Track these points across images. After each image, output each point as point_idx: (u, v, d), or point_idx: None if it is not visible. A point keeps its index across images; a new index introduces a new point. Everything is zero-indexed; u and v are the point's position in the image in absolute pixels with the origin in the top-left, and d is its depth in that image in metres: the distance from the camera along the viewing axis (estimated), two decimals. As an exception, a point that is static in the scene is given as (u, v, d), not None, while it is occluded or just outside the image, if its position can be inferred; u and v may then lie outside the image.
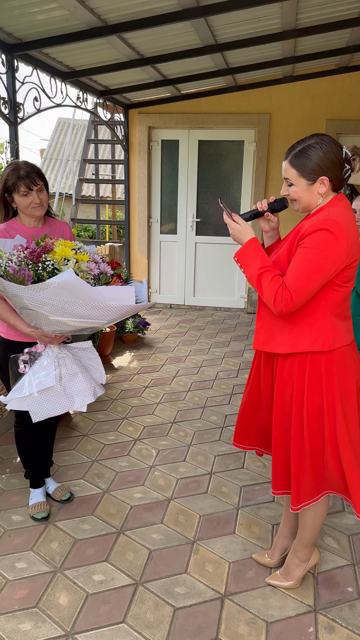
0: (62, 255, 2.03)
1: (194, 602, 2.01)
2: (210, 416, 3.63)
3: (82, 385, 2.26)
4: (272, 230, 1.96)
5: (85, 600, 2.01)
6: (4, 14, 3.29)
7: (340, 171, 1.72)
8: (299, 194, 1.76)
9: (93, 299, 1.97)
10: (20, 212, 2.29)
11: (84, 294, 1.95)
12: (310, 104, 5.99)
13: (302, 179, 1.72)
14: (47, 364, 2.20)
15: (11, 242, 2.11)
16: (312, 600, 2.02)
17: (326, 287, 1.74)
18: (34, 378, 2.17)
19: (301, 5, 3.82)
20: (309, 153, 1.69)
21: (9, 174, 2.21)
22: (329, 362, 1.78)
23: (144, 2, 3.34)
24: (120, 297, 2.10)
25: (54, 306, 1.96)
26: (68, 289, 1.90)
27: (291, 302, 1.69)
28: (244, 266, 1.80)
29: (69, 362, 2.25)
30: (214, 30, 4.08)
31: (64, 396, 2.23)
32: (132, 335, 5.23)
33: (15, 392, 2.18)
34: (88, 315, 2.00)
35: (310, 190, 1.73)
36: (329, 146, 1.69)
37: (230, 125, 6.16)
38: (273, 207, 1.87)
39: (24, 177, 2.19)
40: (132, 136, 6.41)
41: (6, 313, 2.20)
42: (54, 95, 4.35)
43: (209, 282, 6.72)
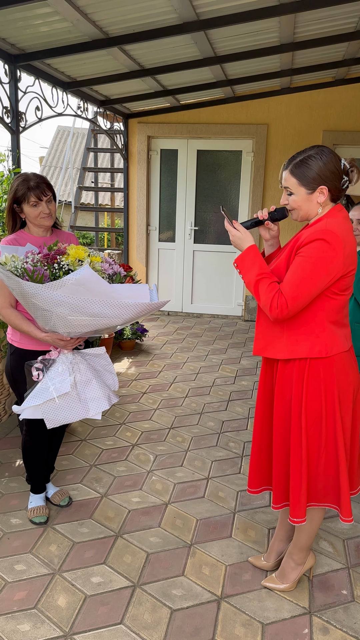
0: (76, 256, 2.04)
1: (191, 604, 2.04)
2: (208, 422, 3.67)
3: (96, 392, 2.23)
4: (272, 239, 2.00)
5: (84, 601, 2.04)
6: (8, 26, 3.36)
7: (339, 182, 1.77)
8: (299, 203, 1.81)
9: (109, 296, 1.96)
10: (29, 222, 2.33)
11: (100, 290, 1.94)
12: (308, 116, 6.08)
13: (302, 188, 1.78)
14: (61, 370, 2.18)
15: (22, 249, 2.15)
16: (307, 603, 2.06)
17: (323, 295, 1.78)
18: (49, 385, 2.15)
19: (299, 20, 3.90)
20: (310, 163, 1.75)
21: (18, 185, 2.25)
22: (328, 368, 1.82)
23: (145, 15, 3.42)
24: (136, 294, 2.12)
25: (71, 305, 1.95)
26: (85, 285, 1.90)
27: (286, 308, 1.73)
28: (242, 272, 1.85)
29: (83, 369, 2.23)
30: (213, 42, 4.16)
31: (78, 403, 2.20)
32: (130, 341, 5.27)
33: (30, 400, 2.15)
34: (104, 314, 1.99)
35: (310, 199, 1.79)
36: (329, 157, 1.74)
37: (228, 135, 6.25)
38: (273, 216, 1.92)
39: (34, 187, 2.23)
40: (132, 145, 6.49)
41: (19, 320, 2.22)
42: (55, 105, 4.41)
43: (206, 289, 6.78)
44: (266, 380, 2.00)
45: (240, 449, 3.28)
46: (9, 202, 2.28)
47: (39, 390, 2.17)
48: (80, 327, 2.08)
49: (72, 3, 3.08)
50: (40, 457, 2.54)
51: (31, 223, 2.32)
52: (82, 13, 3.23)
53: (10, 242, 2.26)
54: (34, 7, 3.09)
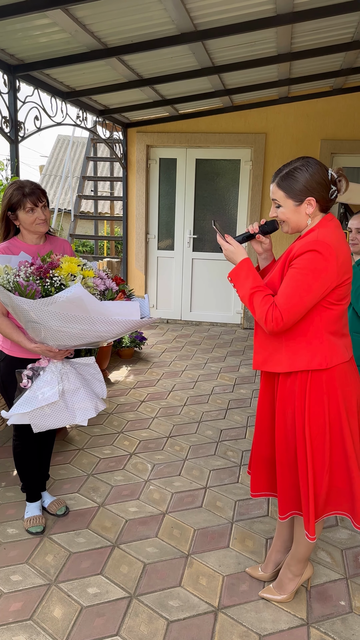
0: (69, 271, 2.06)
1: (188, 615, 2.02)
2: (206, 431, 3.66)
3: (84, 401, 2.27)
4: (265, 252, 2.01)
5: (80, 612, 2.02)
6: (7, 37, 3.39)
7: (327, 192, 1.78)
8: (287, 215, 1.81)
9: (100, 313, 2.00)
10: (24, 229, 2.33)
11: (91, 308, 1.98)
12: (305, 125, 6.12)
13: (290, 200, 1.78)
14: (50, 378, 2.21)
15: (16, 258, 2.15)
16: (304, 614, 2.04)
17: (320, 305, 1.77)
18: (38, 393, 2.19)
19: (296, 30, 3.94)
20: (296, 175, 1.75)
21: (13, 192, 2.26)
22: (330, 380, 1.80)
23: (144, 26, 3.45)
24: (126, 312, 2.13)
25: (61, 320, 1.99)
26: (76, 302, 1.94)
27: (281, 321, 1.73)
28: (236, 286, 1.85)
29: (72, 377, 2.27)
30: (211, 53, 4.19)
31: (65, 411, 2.24)
32: (129, 349, 5.26)
33: (18, 407, 2.19)
34: (94, 329, 2.04)
35: (298, 211, 1.79)
36: (315, 168, 1.75)
37: (227, 144, 6.28)
38: (264, 229, 1.93)
39: (30, 194, 2.25)
40: (131, 154, 6.52)
41: (9, 329, 2.23)
42: (54, 114, 4.44)
43: (205, 297, 6.78)
44: (266, 392, 1.99)
45: (239, 458, 3.26)
46: (3, 209, 2.29)
47: (27, 398, 2.20)
48: (70, 340, 2.11)
49: (71, 14, 3.11)
50: (31, 461, 2.53)
51: (26, 230, 2.33)
52: (80, 24, 3.26)
53: (4, 250, 2.26)
54: (33, 18, 3.12)
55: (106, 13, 3.18)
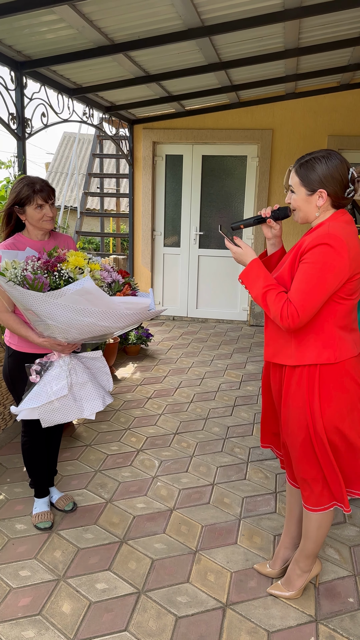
0: (76, 264, 2.07)
1: (196, 611, 2.03)
2: (213, 427, 3.65)
3: (91, 394, 2.31)
4: (274, 238, 2.01)
5: (88, 608, 2.03)
6: (14, 33, 3.38)
7: (342, 189, 1.76)
8: (298, 202, 1.81)
9: (108, 306, 2.01)
10: (30, 225, 2.34)
11: (99, 302, 1.99)
12: (313, 120, 6.08)
13: (303, 188, 1.79)
14: (58, 373, 2.24)
15: (22, 254, 2.16)
16: (313, 611, 2.04)
17: (330, 300, 1.77)
18: (47, 387, 2.21)
19: (303, 26, 3.91)
20: (314, 165, 1.75)
21: (23, 187, 2.26)
22: (339, 374, 1.80)
23: (150, 22, 3.44)
24: (135, 307, 2.12)
25: (70, 313, 1.99)
26: (85, 296, 1.95)
27: (297, 317, 1.72)
28: (248, 286, 1.84)
29: (79, 371, 2.30)
30: (218, 48, 4.17)
31: (74, 404, 2.27)
32: (135, 346, 5.27)
33: (27, 402, 2.21)
34: (102, 323, 2.05)
35: (309, 201, 1.79)
36: (334, 162, 1.74)
37: (233, 140, 6.26)
38: (275, 215, 1.94)
39: (40, 190, 2.26)
40: (137, 151, 6.51)
41: (17, 325, 2.25)
42: (61, 111, 4.44)
43: (211, 294, 6.77)
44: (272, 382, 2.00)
45: (246, 455, 3.26)
46: (9, 203, 2.29)
47: (37, 393, 2.22)
48: (78, 333, 2.12)
49: (78, 10, 3.10)
50: (39, 456, 2.54)
51: (32, 226, 2.33)
52: (87, 20, 3.25)
53: (9, 246, 2.27)
54: (39, 14, 3.11)
55: (113, 9, 3.17)
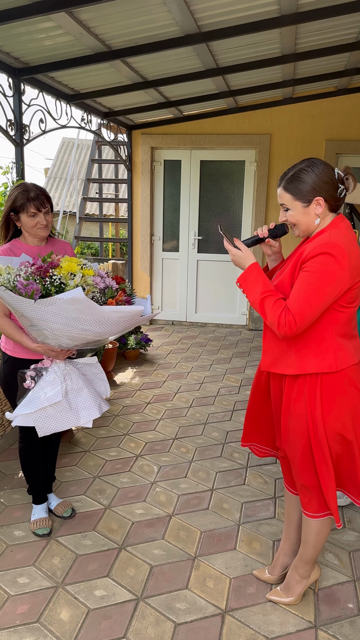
0: (68, 269, 2.06)
1: (195, 617, 2.02)
2: (212, 432, 3.65)
3: (87, 401, 2.28)
4: (274, 254, 2.00)
5: (87, 615, 2.02)
6: (12, 40, 3.40)
7: (335, 191, 1.76)
8: (297, 217, 1.79)
9: (100, 316, 2.01)
10: (25, 231, 2.35)
11: (90, 311, 1.99)
12: (310, 125, 6.10)
13: (298, 202, 1.77)
14: (53, 379, 2.22)
15: (17, 259, 2.16)
16: (312, 617, 2.03)
17: (330, 308, 1.75)
18: (41, 393, 2.21)
19: (300, 31, 3.93)
20: (302, 176, 1.74)
21: (17, 194, 2.27)
22: (341, 382, 1.78)
23: (147, 28, 3.45)
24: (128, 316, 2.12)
25: (61, 321, 2.00)
26: (75, 305, 1.94)
27: (295, 325, 1.71)
28: (246, 291, 1.83)
29: (74, 377, 2.28)
30: (215, 54, 4.19)
31: (69, 411, 2.25)
32: (134, 351, 5.26)
33: (22, 408, 2.20)
34: (94, 330, 2.05)
35: (307, 212, 1.78)
36: (320, 168, 1.74)
37: (231, 145, 6.28)
38: (273, 233, 1.92)
39: (34, 198, 2.26)
40: (136, 156, 6.53)
41: (11, 329, 2.24)
42: (59, 117, 4.45)
43: (210, 299, 6.78)
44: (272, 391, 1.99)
45: (245, 460, 3.25)
46: (6, 209, 2.30)
47: (31, 399, 2.21)
48: (70, 340, 2.12)
49: (75, 17, 3.12)
50: (37, 463, 2.54)
51: (27, 232, 2.34)
52: (84, 27, 3.26)
53: (5, 252, 2.28)
54: (37, 21, 3.13)
55: (110, 16, 3.18)
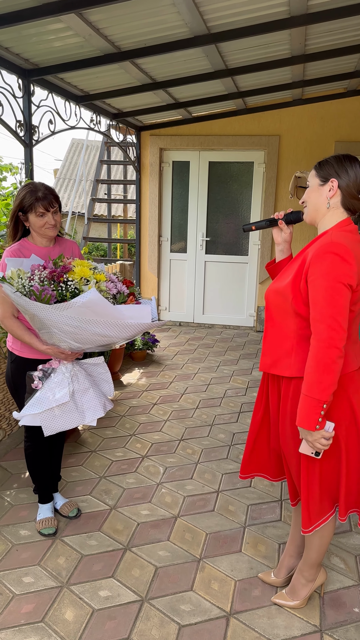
0: (81, 274, 2.09)
1: (199, 619, 2.01)
2: (218, 434, 3.64)
3: (93, 401, 2.31)
4: (283, 243, 2.00)
5: (91, 615, 2.02)
6: (22, 41, 3.42)
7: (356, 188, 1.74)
8: (309, 193, 1.82)
9: (113, 317, 2.04)
10: (34, 231, 2.35)
11: (105, 312, 2.01)
12: (320, 126, 6.08)
13: (316, 178, 1.80)
14: (60, 380, 2.24)
15: (28, 261, 2.17)
16: (318, 620, 2.01)
17: None
18: (49, 394, 2.22)
19: (309, 32, 3.92)
20: (332, 158, 1.78)
21: (25, 194, 2.27)
22: (340, 387, 1.76)
23: (157, 29, 3.46)
24: (138, 315, 2.17)
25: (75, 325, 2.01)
26: (91, 307, 1.97)
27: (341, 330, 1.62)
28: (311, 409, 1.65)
29: (81, 378, 2.30)
30: (224, 55, 4.19)
31: (75, 411, 2.27)
32: (142, 352, 5.26)
33: (29, 408, 2.22)
34: (106, 333, 2.07)
35: (320, 191, 1.79)
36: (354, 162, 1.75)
37: (240, 147, 6.27)
38: (288, 218, 1.95)
39: (42, 198, 2.25)
40: (144, 157, 6.54)
41: (21, 331, 2.25)
42: (68, 118, 4.47)
43: (218, 300, 6.77)
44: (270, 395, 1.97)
45: (251, 462, 3.24)
46: (14, 209, 2.30)
47: (38, 399, 2.23)
48: (82, 343, 2.14)
49: (85, 19, 3.13)
50: (42, 462, 2.54)
51: (35, 232, 2.34)
52: (94, 28, 3.27)
53: (15, 253, 2.27)
54: (46, 23, 3.14)
55: (120, 17, 3.19)
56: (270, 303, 1.86)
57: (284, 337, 1.82)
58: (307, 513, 1.85)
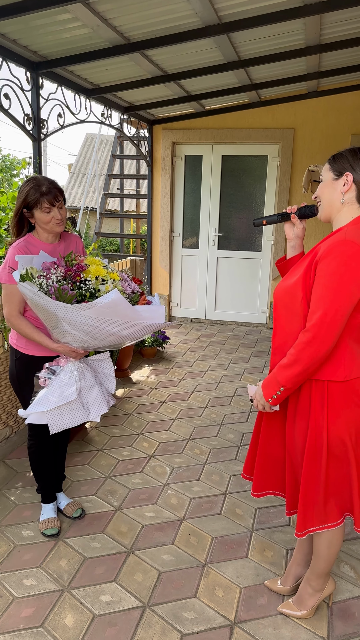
0: (96, 274, 2.12)
1: (202, 628, 1.95)
2: (227, 434, 3.57)
3: (97, 397, 2.30)
4: (296, 239, 1.92)
5: (92, 621, 1.97)
6: (29, 33, 3.36)
7: None
8: (323, 188, 1.74)
9: (131, 317, 2.07)
10: (39, 227, 2.29)
11: (125, 313, 2.04)
12: (335, 119, 5.94)
13: (330, 172, 1.72)
14: (68, 377, 2.23)
15: (38, 258, 2.14)
16: (325, 632, 1.94)
17: None
18: (57, 392, 2.20)
19: (325, 21, 3.80)
20: (347, 151, 1.70)
21: (29, 190, 2.20)
22: (348, 393, 1.69)
23: (166, 19, 3.37)
24: (154, 315, 2.22)
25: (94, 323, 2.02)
26: (113, 308, 2.00)
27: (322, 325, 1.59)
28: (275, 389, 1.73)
29: (87, 375, 2.29)
30: (236, 46, 4.09)
31: (81, 408, 2.27)
32: (152, 349, 5.21)
33: (36, 406, 2.19)
34: (121, 333, 2.09)
35: (333, 186, 1.71)
36: None
37: (254, 140, 6.16)
38: (301, 212, 1.87)
39: (46, 193, 2.19)
40: (156, 152, 6.46)
41: (29, 329, 2.22)
42: (78, 112, 4.41)
43: (230, 296, 6.67)
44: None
45: (260, 463, 3.17)
46: (18, 206, 2.24)
47: (46, 397, 2.21)
48: (96, 342, 2.13)
49: (92, 9, 3.06)
50: (47, 461, 2.51)
51: (41, 228, 2.28)
52: (102, 19, 3.20)
53: (22, 249, 2.22)
54: (53, 13, 3.08)
55: (128, 7, 3.11)
56: (279, 302, 1.78)
57: (293, 337, 1.75)
58: (302, 515, 1.78)
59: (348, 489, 1.78)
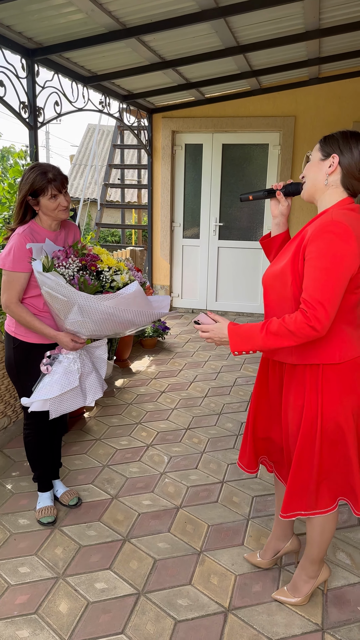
0: (107, 264, 2.21)
1: (196, 615, 1.94)
2: (226, 423, 3.56)
3: (94, 383, 2.35)
4: (280, 216, 1.91)
5: (86, 608, 1.97)
6: (24, 19, 3.31)
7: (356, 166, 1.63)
8: (310, 168, 1.72)
9: (144, 307, 2.16)
10: (43, 214, 2.25)
11: (142, 302, 2.14)
12: (337, 106, 5.87)
13: (319, 152, 1.70)
14: (70, 364, 2.26)
15: (45, 247, 2.16)
16: (320, 619, 1.93)
17: None
18: (61, 379, 2.23)
19: (323, 5, 3.73)
20: (338, 133, 1.68)
21: (36, 177, 2.16)
22: (344, 374, 1.68)
23: (162, 4, 3.32)
24: (161, 305, 2.31)
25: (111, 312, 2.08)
26: (132, 299, 2.08)
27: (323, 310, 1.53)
28: (248, 347, 1.64)
29: (86, 362, 2.34)
30: (234, 31, 4.03)
31: (80, 394, 2.31)
32: (152, 339, 5.19)
33: (38, 394, 2.21)
34: (134, 321, 2.17)
35: (320, 166, 1.69)
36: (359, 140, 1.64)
37: (254, 128, 6.09)
38: (287, 189, 1.86)
39: (53, 179, 2.17)
40: (156, 141, 6.41)
41: (30, 317, 2.22)
42: (75, 100, 4.36)
43: (231, 287, 6.64)
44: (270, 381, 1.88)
45: (258, 452, 3.16)
46: (23, 193, 2.20)
47: (49, 384, 2.23)
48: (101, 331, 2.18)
49: (86, -7, 3.01)
50: (43, 449, 2.51)
51: (47, 215, 2.24)
52: (96, 3, 3.15)
53: (28, 237, 2.18)
54: (47, -2, 3.03)
55: (123, -9, 3.07)
56: (269, 288, 1.76)
57: None
58: (288, 497, 1.77)
59: (344, 473, 1.76)
